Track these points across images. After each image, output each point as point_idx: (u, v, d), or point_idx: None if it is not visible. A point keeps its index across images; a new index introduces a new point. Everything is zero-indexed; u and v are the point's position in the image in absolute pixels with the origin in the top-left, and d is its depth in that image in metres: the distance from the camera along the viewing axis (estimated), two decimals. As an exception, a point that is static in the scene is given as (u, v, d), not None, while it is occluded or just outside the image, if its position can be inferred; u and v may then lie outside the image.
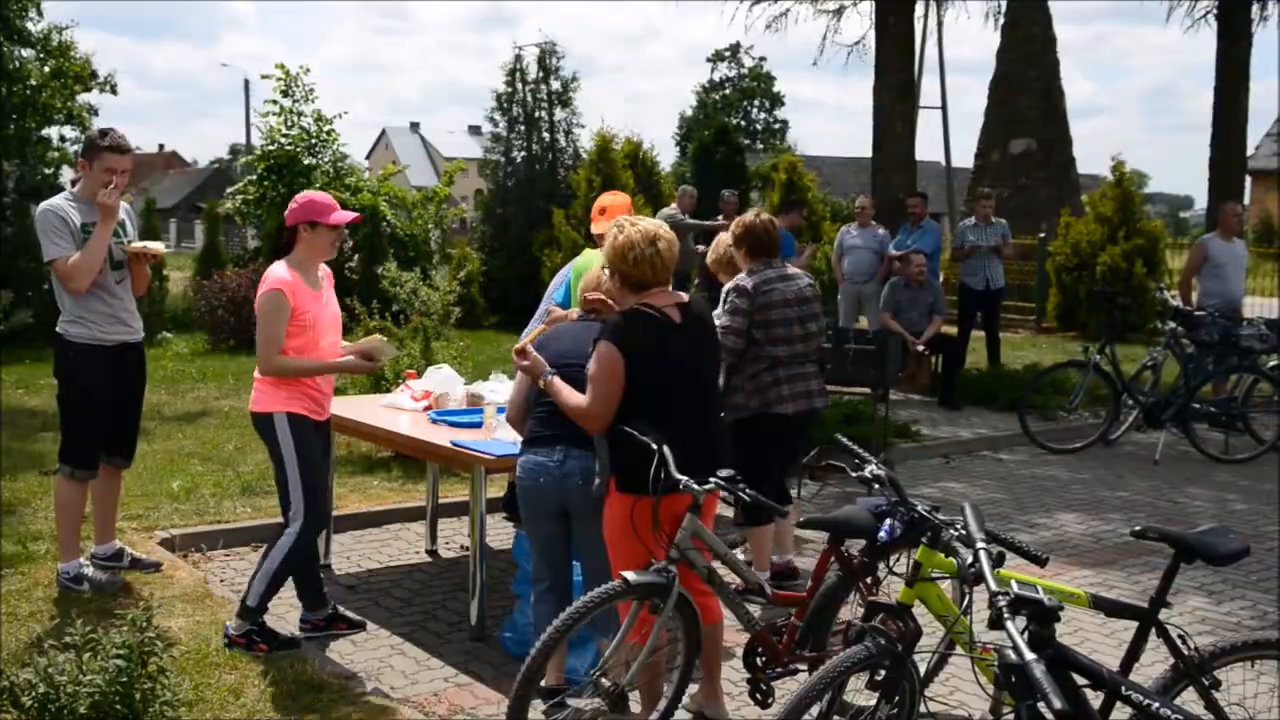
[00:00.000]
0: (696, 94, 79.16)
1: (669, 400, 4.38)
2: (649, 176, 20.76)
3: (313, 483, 5.25)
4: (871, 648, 3.54)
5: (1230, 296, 11.17)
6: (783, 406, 6.06)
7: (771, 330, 6.04)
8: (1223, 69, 15.51)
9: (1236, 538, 3.92)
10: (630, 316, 4.40)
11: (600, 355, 4.33)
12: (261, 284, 5.23)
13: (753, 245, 6.18)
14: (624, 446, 4.30)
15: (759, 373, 6.08)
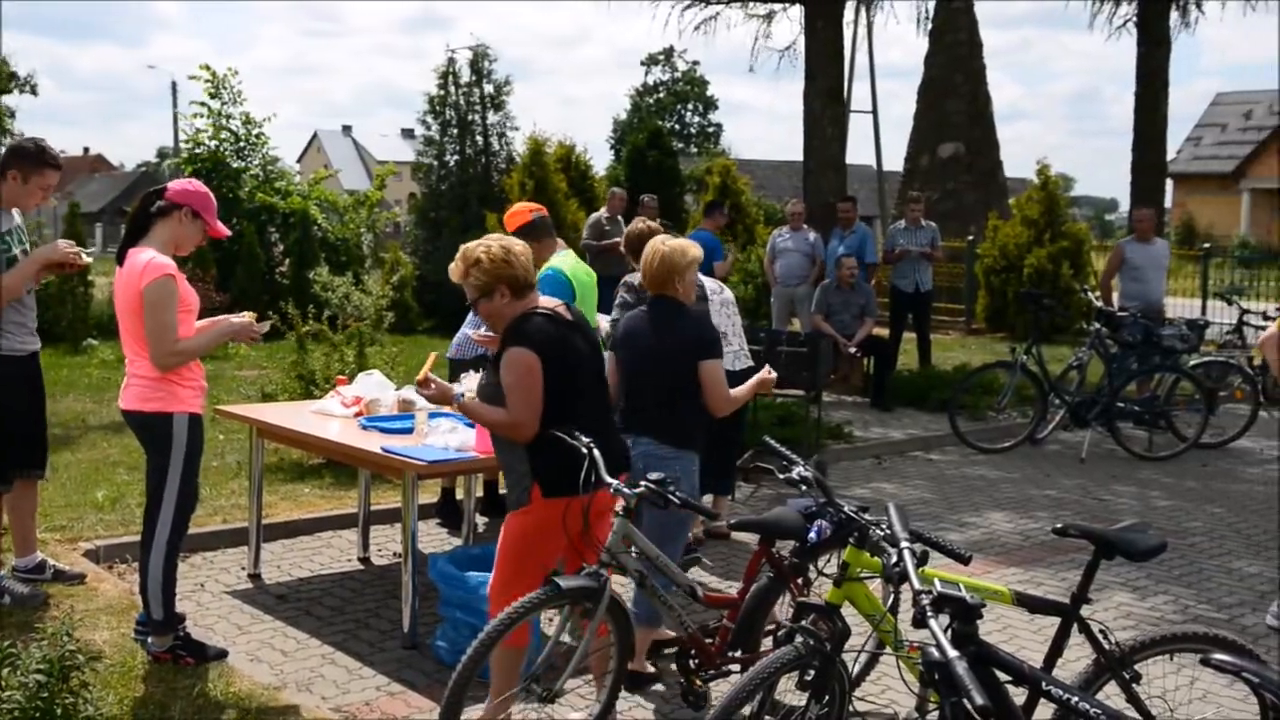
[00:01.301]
0: (630, 97, 79.28)
1: (581, 400, 4.38)
2: (582, 180, 20.77)
3: (192, 480, 5.15)
4: (801, 648, 3.57)
5: (1149, 298, 11.37)
6: None
7: None
8: (1143, 74, 15.83)
9: (1155, 534, 4.00)
10: (531, 318, 4.33)
11: (516, 362, 4.26)
12: (139, 272, 4.87)
13: (638, 249, 6.31)
14: (549, 451, 4.27)
15: None
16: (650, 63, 79.03)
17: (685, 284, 5.10)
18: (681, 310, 5.11)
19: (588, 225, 14.36)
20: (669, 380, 5.01)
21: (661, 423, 5.02)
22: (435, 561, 5.39)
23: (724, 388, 5.00)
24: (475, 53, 20.30)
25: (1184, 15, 16.19)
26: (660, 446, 5.00)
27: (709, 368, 4.96)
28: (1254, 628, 6.12)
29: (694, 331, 5.05)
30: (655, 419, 5.03)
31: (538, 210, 6.57)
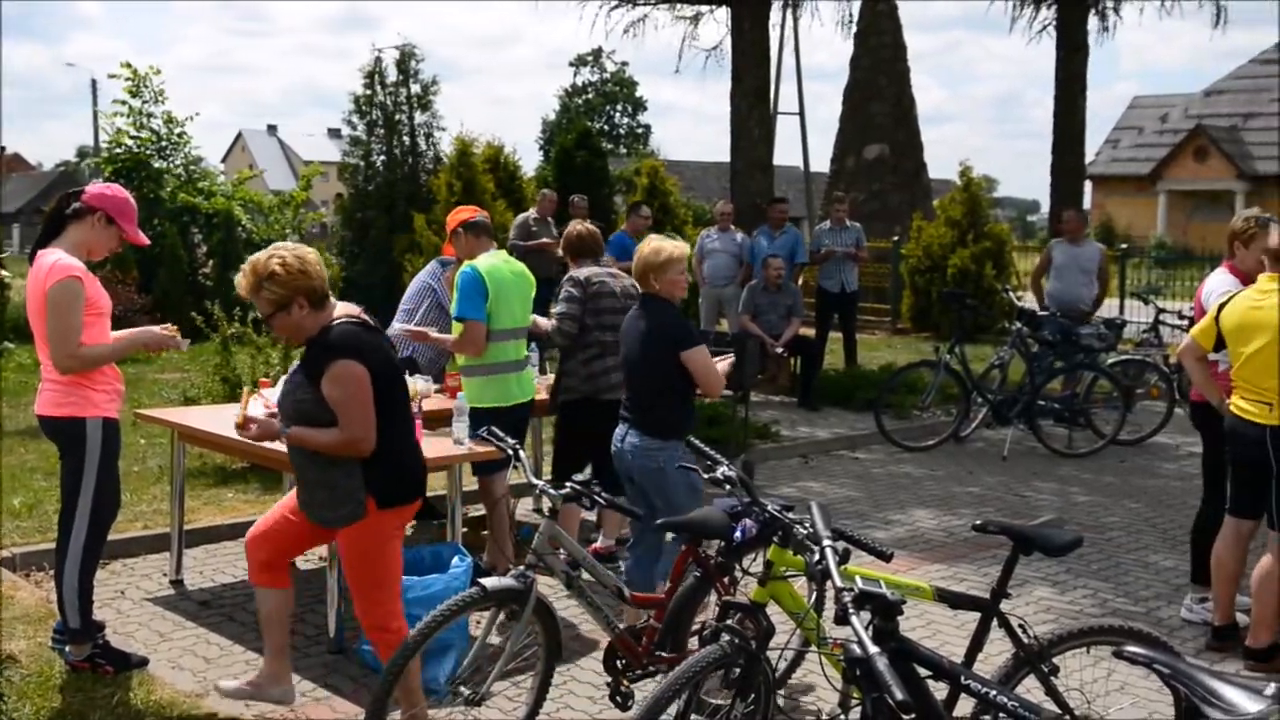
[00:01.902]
0: (559, 98, 79.22)
1: (400, 408, 4.33)
2: (511, 180, 20.69)
3: (108, 486, 5.07)
4: (726, 647, 3.60)
5: (1067, 298, 11.56)
6: (613, 393, 6.45)
7: (602, 318, 6.55)
8: (1062, 78, 16.09)
9: (1071, 529, 4.08)
10: (346, 328, 4.20)
11: (345, 376, 4.10)
12: (45, 274, 4.77)
13: (576, 250, 6.85)
14: (384, 463, 4.21)
15: (590, 359, 6.57)
16: (579, 64, 79.01)
17: (663, 281, 5.29)
18: (661, 307, 5.30)
19: (515, 226, 14.32)
20: (649, 374, 5.27)
21: (645, 415, 5.30)
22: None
23: (712, 372, 5.22)
24: (402, 52, 20.14)
25: (1102, 20, 16.48)
26: (644, 438, 5.27)
27: (690, 357, 5.18)
28: (1169, 620, 6.27)
29: (668, 327, 5.23)
30: (641, 412, 5.31)
31: (482, 213, 6.84)
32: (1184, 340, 5.96)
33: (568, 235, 6.92)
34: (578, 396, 6.61)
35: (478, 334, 6.29)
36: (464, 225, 6.58)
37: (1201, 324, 5.79)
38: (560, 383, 6.75)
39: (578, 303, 6.54)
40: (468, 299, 6.26)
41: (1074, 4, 15.98)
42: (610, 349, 6.57)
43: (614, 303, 6.62)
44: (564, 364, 6.70)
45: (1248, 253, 5.95)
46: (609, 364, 6.56)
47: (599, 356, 6.57)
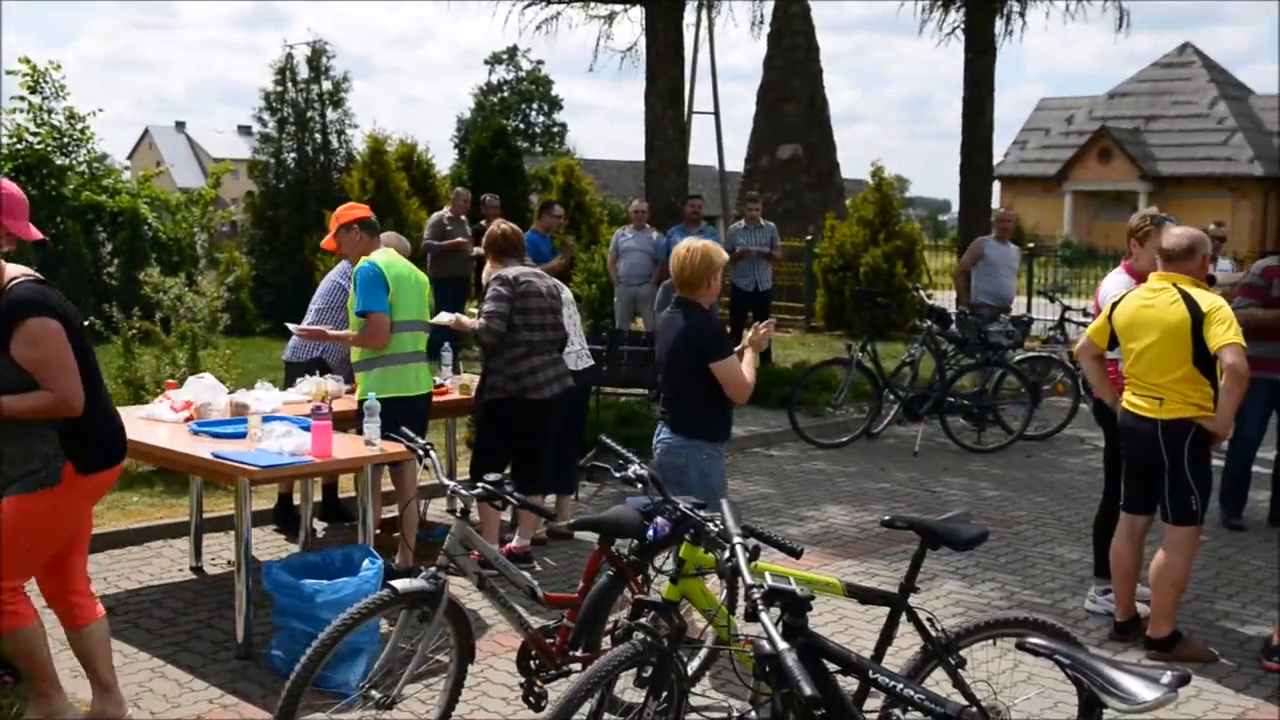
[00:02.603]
0: (474, 96, 78.73)
1: (90, 366, 4.17)
2: (425, 179, 20.55)
3: None
4: (638, 645, 3.61)
5: (1002, 294, 11.91)
6: (539, 392, 6.62)
7: (529, 317, 6.61)
8: (970, 80, 16.38)
9: (977, 523, 4.15)
10: (26, 284, 4.01)
11: (43, 334, 3.91)
12: None
13: (498, 249, 6.85)
14: (85, 425, 4.08)
15: (516, 359, 6.60)
16: (494, 62, 78.65)
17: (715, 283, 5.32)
18: (693, 312, 5.27)
19: (429, 225, 14.19)
20: (678, 377, 5.30)
21: (674, 414, 5.34)
22: (270, 569, 5.26)
23: (737, 381, 5.19)
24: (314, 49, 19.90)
25: (1008, 23, 16.80)
26: (672, 436, 5.32)
27: (717, 367, 5.16)
28: (1074, 611, 6.41)
29: (699, 335, 5.20)
30: (671, 411, 5.37)
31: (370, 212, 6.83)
32: (1081, 339, 6.09)
33: (490, 234, 6.91)
34: (503, 396, 6.63)
35: (383, 325, 6.26)
36: (361, 223, 6.56)
37: (1096, 322, 5.93)
38: (485, 381, 6.75)
39: (506, 301, 6.55)
40: (370, 292, 6.23)
41: (981, 7, 16.26)
42: (537, 348, 6.67)
43: (541, 302, 6.70)
44: (489, 363, 6.72)
45: (1143, 251, 6.10)
46: (535, 363, 6.65)
47: (525, 356, 6.62)
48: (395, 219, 17.82)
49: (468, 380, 7.56)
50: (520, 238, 6.97)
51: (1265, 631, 6.10)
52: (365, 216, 6.60)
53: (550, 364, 6.76)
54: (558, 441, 7.11)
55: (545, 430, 6.82)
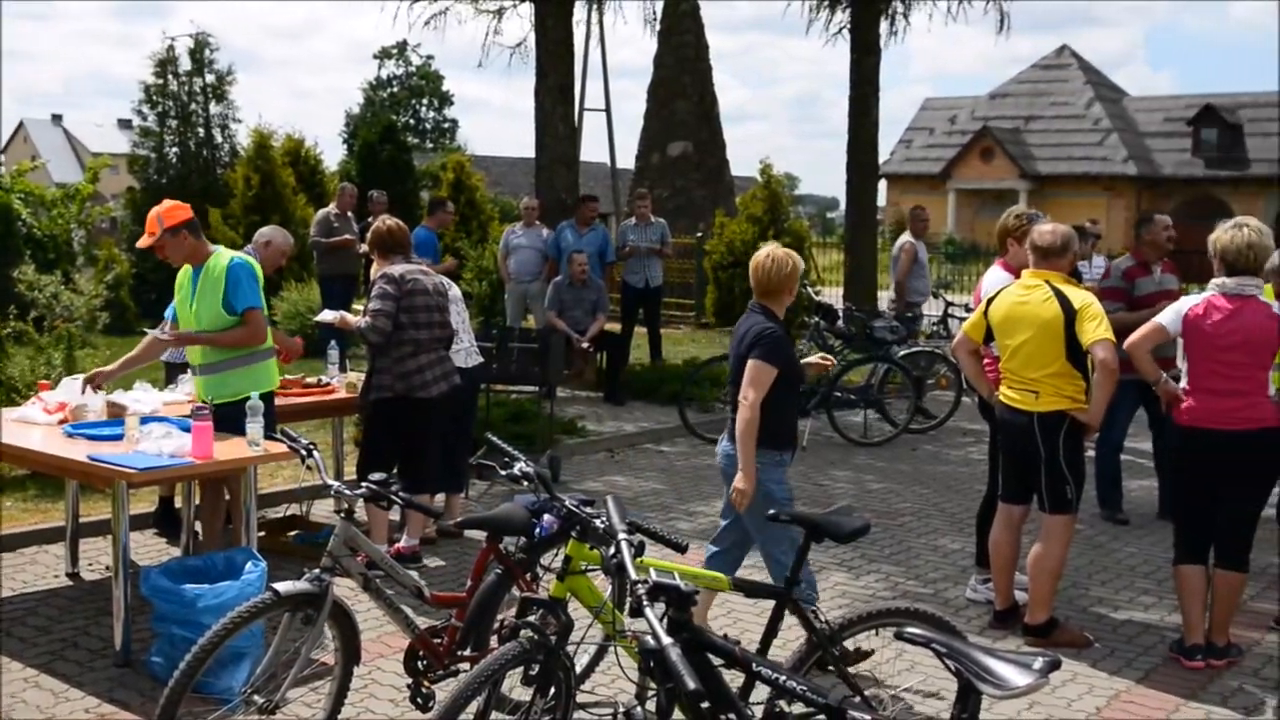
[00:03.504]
0: (364, 91, 77.63)
1: None
2: (312, 175, 20.24)
3: None
4: (525, 643, 3.60)
5: (927, 291, 12.25)
6: (426, 391, 6.58)
7: (416, 315, 6.55)
8: (856, 80, 16.62)
9: (860, 516, 4.23)
10: None
11: None
12: None
13: (384, 247, 6.78)
14: None
15: (404, 357, 6.54)
16: (383, 56, 77.63)
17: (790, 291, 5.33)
18: (758, 316, 5.27)
19: (315, 223, 13.95)
20: (737, 381, 5.27)
21: (733, 422, 5.30)
22: (148, 575, 5.14)
23: (755, 388, 5.13)
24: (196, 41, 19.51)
25: (893, 24, 17.07)
26: (730, 443, 5.33)
27: (753, 364, 5.15)
28: (956, 600, 6.55)
29: (753, 336, 5.19)
30: (731, 418, 5.32)
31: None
32: (959, 334, 6.24)
33: (375, 231, 6.84)
34: (390, 395, 6.58)
35: (264, 321, 6.14)
36: (189, 226, 6.08)
37: (972, 318, 6.07)
38: (371, 380, 6.68)
39: (393, 300, 6.49)
40: (252, 289, 6.04)
41: (866, 8, 16.51)
42: (424, 347, 6.61)
43: (428, 300, 6.65)
44: (376, 361, 6.64)
45: (1020, 249, 6.25)
46: (422, 362, 6.59)
47: (413, 354, 6.57)
48: (281, 215, 17.53)
49: (354, 379, 7.47)
50: (406, 234, 6.91)
51: (1137, 617, 6.32)
52: (192, 218, 6.17)
53: (437, 362, 6.71)
54: (446, 440, 7.07)
55: (433, 429, 6.78)
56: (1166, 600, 6.51)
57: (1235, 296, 5.41)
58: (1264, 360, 5.40)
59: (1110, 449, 8.22)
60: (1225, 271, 5.49)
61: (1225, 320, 5.38)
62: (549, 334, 9.73)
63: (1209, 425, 5.43)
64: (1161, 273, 7.88)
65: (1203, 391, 5.46)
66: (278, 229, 7.69)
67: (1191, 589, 5.60)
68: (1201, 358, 5.45)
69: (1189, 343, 5.48)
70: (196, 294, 6.05)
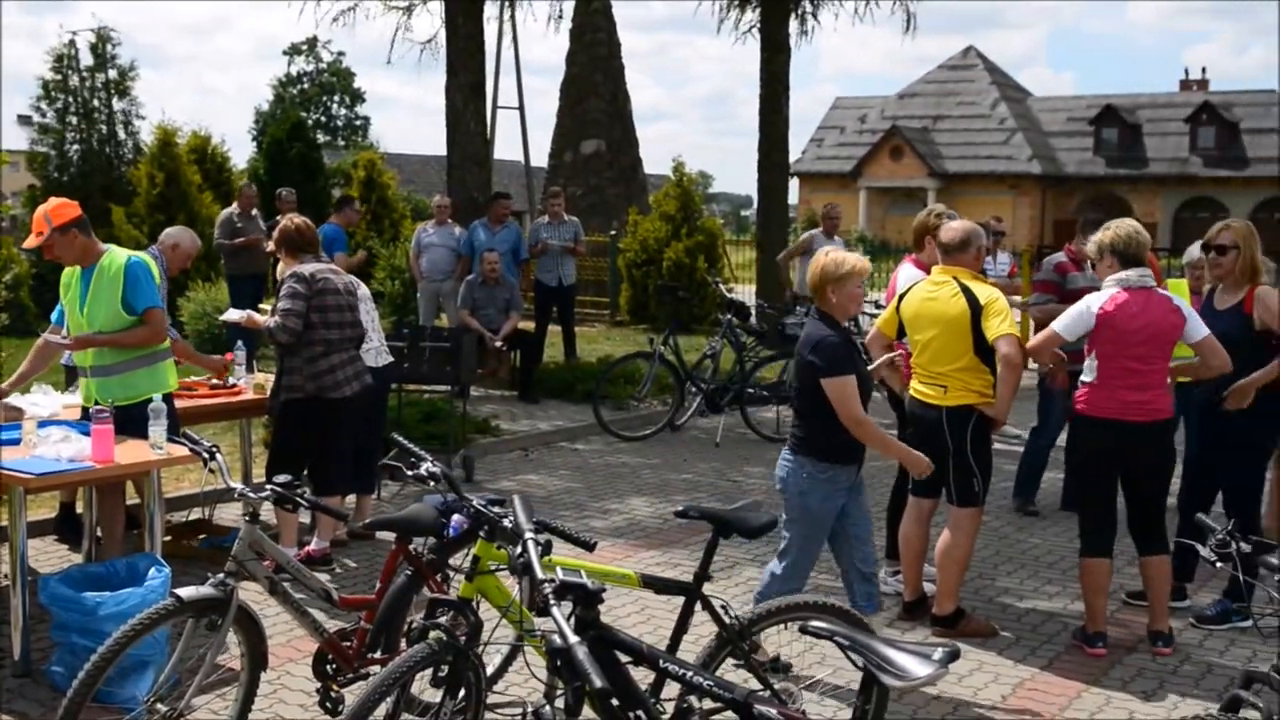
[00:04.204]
0: (273, 88, 76.54)
1: None
2: (219, 173, 19.90)
3: None
4: (433, 644, 3.58)
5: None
6: (338, 391, 6.51)
7: (327, 315, 6.48)
8: (766, 79, 16.74)
9: (766, 511, 4.26)
10: None
11: None
12: None
13: (295, 245, 6.70)
14: None
15: (315, 357, 6.47)
16: (293, 53, 76.60)
17: (841, 294, 5.08)
18: (823, 325, 5.11)
19: (218, 224, 13.69)
20: (799, 389, 5.18)
21: (792, 429, 5.27)
22: (46, 583, 5.01)
23: (847, 405, 4.97)
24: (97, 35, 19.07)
25: (802, 24, 17.21)
26: (786, 451, 5.26)
27: (828, 384, 4.98)
28: (866, 593, 6.62)
29: (819, 349, 5.02)
30: (792, 425, 5.28)
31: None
32: (872, 329, 6.32)
33: (284, 229, 6.75)
34: (301, 395, 6.50)
35: (165, 320, 6.01)
36: (79, 224, 5.86)
37: (884, 314, 6.16)
38: (281, 381, 6.59)
39: (303, 299, 6.42)
40: (150, 288, 5.88)
41: (775, 7, 16.63)
42: (335, 346, 6.54)
43: (339, 299, 6.58)
44: (286, 362, 6.56)
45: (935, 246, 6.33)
46: (334, 361, 6.52)
47: (324, 354, 6.50)
48: (187, 214, 17.22)
49: (261, 380, 7.36)
50: (314, 232, 6.84)
51: (1041, 606, 6.45)
52: (81, 216, 5.94)
53: (348, 362, 6.65)
54: (357, 440, 7.00)
55: (343, 430, 6.70)
56: (1070, 589, 6.65)
57: (1140, 289, 5.54)
58: (1166, 353, 5.55)
59: (1044, 443, 8.34)
60: (1121, 264, 5.61)
61: (1135, 315, 5.49)
62: (462, 333, 9.66)
63: (1117, 417, 5.55)
64: (1093, 269, 8.05)
65: (1112, 385, 5.57)
66: (185, 230, 7.54)
67: (1096, 580, 5.73)
68: (1114, 353, 5.55)
69: (1100, 338, 5.57)
70: (90, 295, 5.85)
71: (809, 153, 50.68)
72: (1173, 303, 5.56)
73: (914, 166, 46.43)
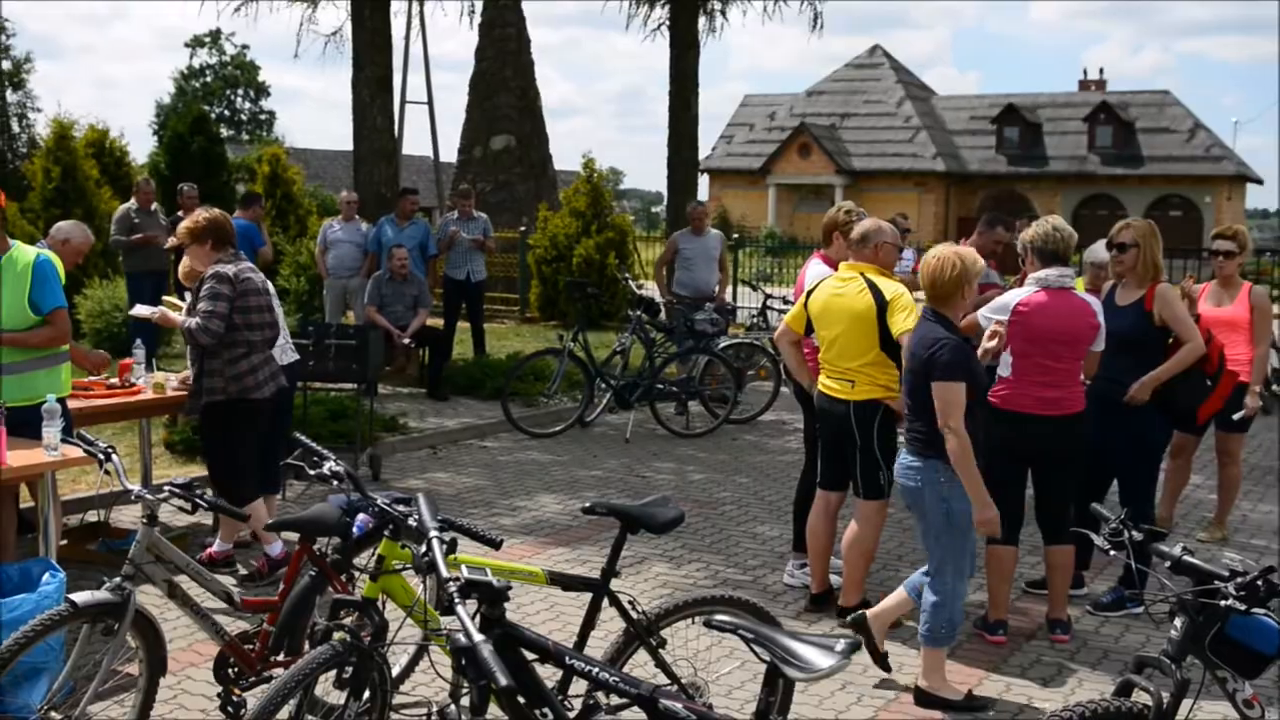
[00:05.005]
0: (175, 80, 75.01)
1: None
2: (118, 167, 19.43)
3: None
4: (337, 645, 3.54)
5: (698, 285, 12.09)
6: (260, 392, 6.36)
7: (250, 316, 6.30)
8: (675, 76, 16.84)
9: (674, 506, 4.28)
10: None
11: None
12: None
13: (216, 237, 6.40)
14: None
15: (236, 359, 6.29)
16: (195, 45, 75.14)
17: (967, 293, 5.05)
18: (932, 324, 4.99)
19: (115, 220, 13.35)
20: (914, 391, 5.01)
21: (909, 432, 5.11)
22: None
23: (953, 412, 4.82)
24: (-13, 26, 18.48)
25: (711, 21, 17.36)
26: (906, 455, 5.10)
27: (938, 388, 4.85)
28: (774, 585, 6.70)
29: (929, 346, 4.91)
30: (908, 428, 5.13)
31: None
32: (781, 325, 6.37)
33: (205, 221, 6.45)
34: (221, 398, 6.31)
35: (69, 321, 5.84)
36: None
37: (793, 310, 6.21)
38: (201, 384, 6.35)
39: (226, 300, 6.20)
40: (57, 287, 5.72)
41: (684, 5, 16.72)
42: (256, 348, 6.36)
43: (261, 299, 6.41)
44: (206, 364, 6.32)
45: (843, 243, 6.39)
46: (255, 362, 6.35)
47: (245, 355, 6.32)
48: (84, 209, 16.78)
49: (161, 379, 7.21)
50: (231, 225, 6.57)
51: (944, 596, 6.55)
52: None
53: (267, 362, 6.50)
54: (262, 440, 6.88)
55: (256, 430, 6.56)
56: (973, 579, 6.77)
57: (1058, 290, 5.64)
58: (1080, 353, 5.67)
59: None
60: (1041, 263, 5.72)
61: (1051, 315, 5.60)
62: (368, 330, 9.55)
63: (1029, 411, 5.66)
64: (988, 267, 8.19)
65: (1025, 382, 5.67)
66: (77, 225, 7.35)
67: (1001, 569, 5.84)
68: (1028, 350, 5.65)
69: (1015, 336, 5.67)
70: None
71: (719, 149, 50.98)
72: (1090, 307, 5.66)
73: (822, 164, 46.93)
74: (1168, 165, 44.46)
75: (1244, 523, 8.20)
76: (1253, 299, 7.32)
